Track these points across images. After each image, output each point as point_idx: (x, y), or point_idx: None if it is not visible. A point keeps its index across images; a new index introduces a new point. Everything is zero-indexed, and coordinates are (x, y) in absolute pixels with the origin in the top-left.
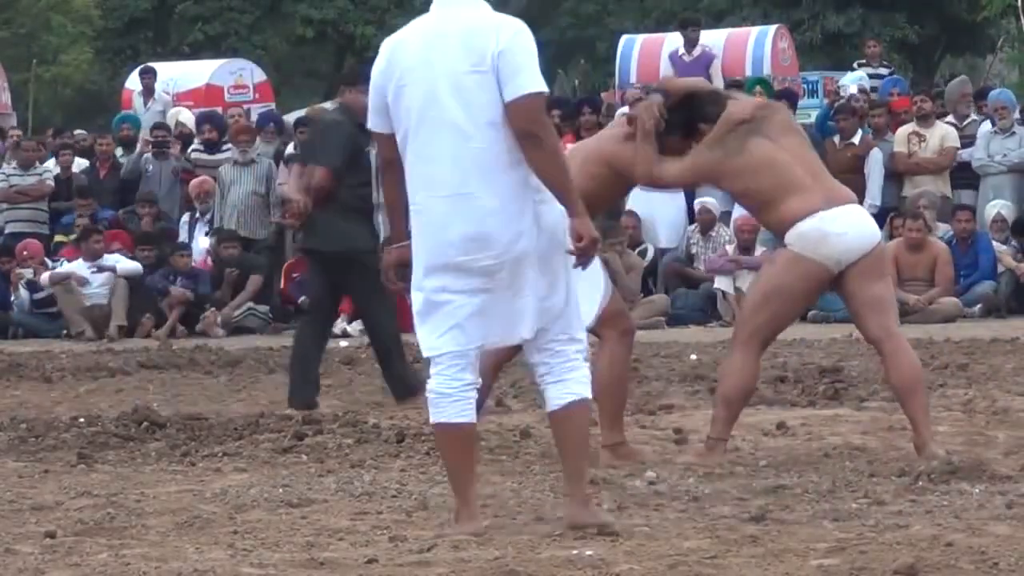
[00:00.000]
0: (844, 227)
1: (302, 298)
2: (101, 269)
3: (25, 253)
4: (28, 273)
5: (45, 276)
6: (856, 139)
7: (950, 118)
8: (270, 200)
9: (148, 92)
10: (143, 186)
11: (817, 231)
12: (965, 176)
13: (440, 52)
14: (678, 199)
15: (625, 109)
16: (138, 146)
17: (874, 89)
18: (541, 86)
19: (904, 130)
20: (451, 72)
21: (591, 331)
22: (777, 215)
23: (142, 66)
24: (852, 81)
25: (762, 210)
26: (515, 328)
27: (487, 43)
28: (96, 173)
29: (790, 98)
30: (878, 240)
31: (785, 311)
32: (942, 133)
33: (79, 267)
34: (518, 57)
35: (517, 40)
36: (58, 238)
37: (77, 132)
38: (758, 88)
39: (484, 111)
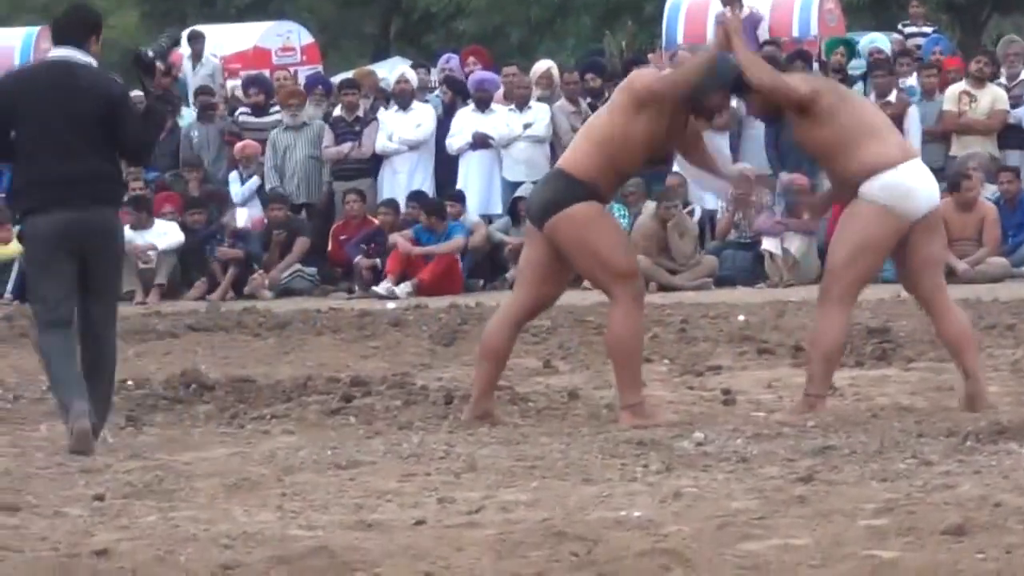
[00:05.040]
0: (923, 181)
1: (358, 257)
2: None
3: None
4: None
5: None
6: (892, 97)
7: (1002, 79)
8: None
9: (196, 56)
10: (184, 150)
11: (903, 184)
12: (1014, 136)
13: None
14: (725, 160)
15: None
16: (184, 111)
17: (918, 47)
18: None
19: (955, 89)
20: None
21: (605, 290)
22: (858, 158)
23: (190, 30)
24: (868, 43)
25: (842, 152)
26: None
27: None
28: None
29: (804, 58)
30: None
31: (874, 265)
32: (993, 95)
33: (136, 235)
34: None
35: None
36: None
37: (132, 94)
38: (840, 48)
39: None
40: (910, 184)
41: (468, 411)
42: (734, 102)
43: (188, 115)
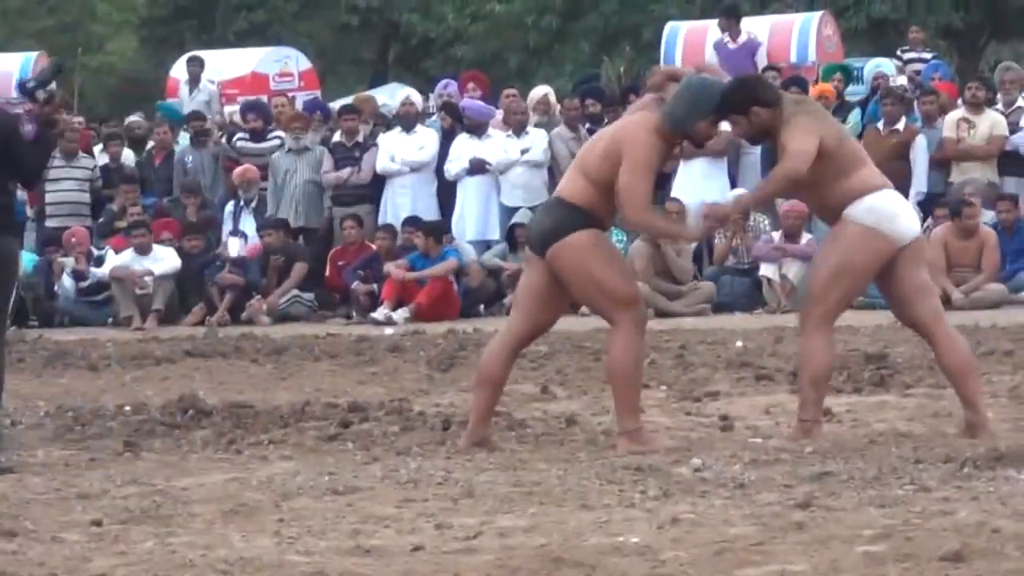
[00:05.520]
0: (905, 207)
1: (355, 283)
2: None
3: (74, 240)
4: (71, 262)
5: (106, 270)
6: (900, 125)
7: (999, 105)
8: (322, 188)
9: (194, 81)
10: (177, 176)
11: (888, 207)
12: (1012, 164)
13: None
14: (722, 185)
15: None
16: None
17: (917, 73)
18: None
19: (953, 116)
20: None
21: (606, 316)
22: (844, 185)
23: (189, 55)
24: (873, 68)
25: (835, 182)
26: None
27: None
28: (152, 161)
29: (800, 84)
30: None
31: (856, 287)
32: (992, 120)
33: (133, 261)
34: None
35: None
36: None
37: (131, 119)
38: (837, 74)
39: None
40: (895, 208)
41: (465, 438)
42: (723, 125)
43: (183, 140)
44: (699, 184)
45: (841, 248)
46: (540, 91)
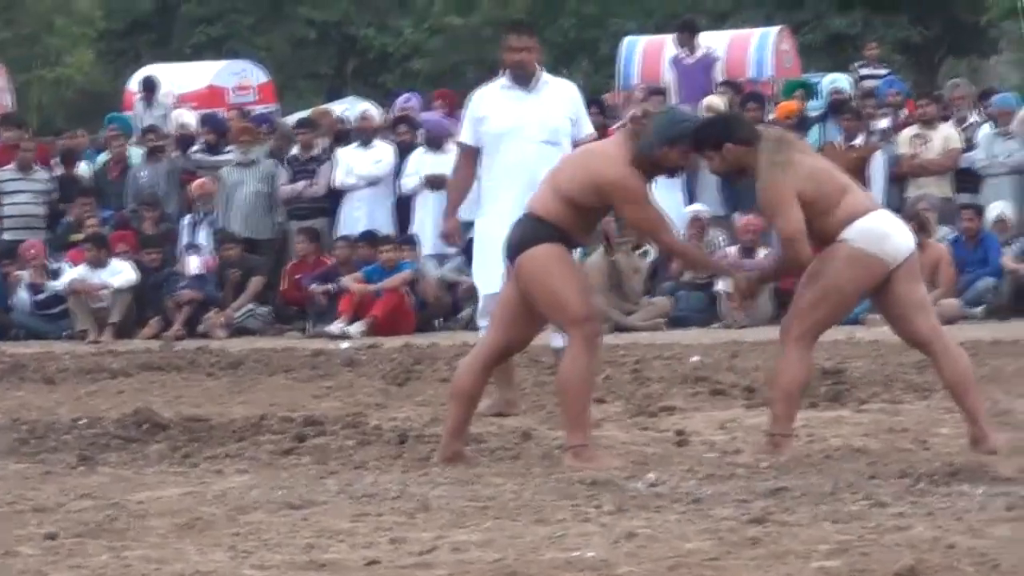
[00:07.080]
0: (896, 227)
1: (312, 285)
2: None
3: (32, 252)
4: (26, 275)
5: (63, 283)
6: (858, 141)
7: (951, 123)
8: (273, 200)
9: (148, 102)
10: (131, 190)
11: (878, 228)
12: (966, 180)
13: None
14: (679, 202)
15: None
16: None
17: (875, 88)
18: None
19: (907, 132)
20: None
21: (561, 331)
22: (833, 219)
23: (144, 77)
24: (829, 84)
25: (820, 219)
26: None
27: None
28: (107, 173)
29: (758, 100)
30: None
31: (844, 307)
32: (945, 135)
33: (91, 274)
34: None
35: None
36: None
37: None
38: (799, 91)
39: None
40: (886, 228)
41: (439, 453)
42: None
43: (136, 154)
44: (655, 197)
45: (830, 269)
46: None
